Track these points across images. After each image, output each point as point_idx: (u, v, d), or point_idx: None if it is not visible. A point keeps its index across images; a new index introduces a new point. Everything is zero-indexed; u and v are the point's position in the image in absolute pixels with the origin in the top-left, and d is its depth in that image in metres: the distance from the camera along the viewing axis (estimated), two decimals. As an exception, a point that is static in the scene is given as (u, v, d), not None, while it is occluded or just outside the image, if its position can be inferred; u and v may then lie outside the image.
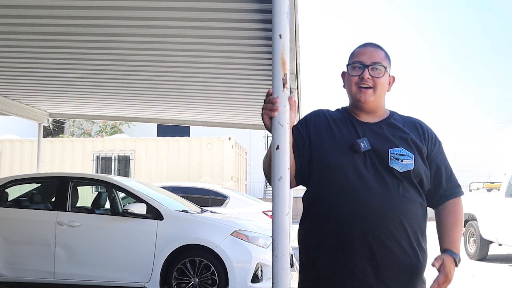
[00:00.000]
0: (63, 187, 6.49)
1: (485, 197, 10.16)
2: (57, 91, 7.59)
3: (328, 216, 1.97)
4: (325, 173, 2.00)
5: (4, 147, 16.02)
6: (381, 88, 2.05)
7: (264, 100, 1.84)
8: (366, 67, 2.03)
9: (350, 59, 2.10)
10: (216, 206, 9.20)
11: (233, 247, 5.80)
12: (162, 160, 15.41)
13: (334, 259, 1.95)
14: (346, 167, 1.96)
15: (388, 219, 1.91)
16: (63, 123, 24.55)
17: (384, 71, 2.06)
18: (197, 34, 4.79)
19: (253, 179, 22.45)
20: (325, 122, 2.10)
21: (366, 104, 2.05)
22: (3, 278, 6.22)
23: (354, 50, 2.11)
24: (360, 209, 1.92)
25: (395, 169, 1.96)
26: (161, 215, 6.01)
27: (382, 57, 2.07)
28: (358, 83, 2.04)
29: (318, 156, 2.03)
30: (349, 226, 1.92)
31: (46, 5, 4.24)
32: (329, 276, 1.96)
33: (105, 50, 5.44)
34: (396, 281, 1.93)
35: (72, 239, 6.13)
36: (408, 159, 1.98)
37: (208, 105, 8.33)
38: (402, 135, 2.04)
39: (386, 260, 1.91)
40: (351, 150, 1.98)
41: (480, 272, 8.42)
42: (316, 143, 2.05)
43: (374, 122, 2.08)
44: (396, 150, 1.99)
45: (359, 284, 1.92)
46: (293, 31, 4.32)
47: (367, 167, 1.97)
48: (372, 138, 2.01)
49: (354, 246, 1.91)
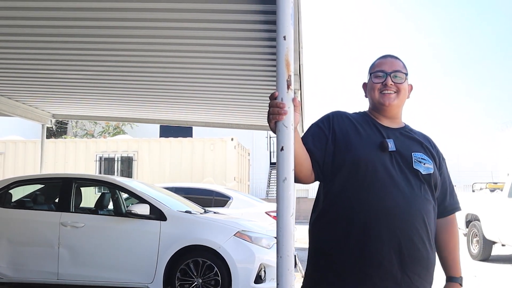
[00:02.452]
0: (66, 188, 6.51)
1: (488, 198, 10.15)
2: (60, 92, 7.61)
3: (356, 209, 2.04)
4: (353, 169, 2.07)
5: (8, 148, 16.06)
6: (403, 92, 2.20)
7: (270, 103, 1.86)
8: (388, 74, 2.18)
9: (371, 69, 2.25)
10: (219, 207, 9.20)
11: (236, 247, 5.80)
12: (165, 161, 15.43)
13: (361, 247, 2.01)
14: (376, 163, 2.07)
15: (413, 216, 2.02)
16: (66, 124, 24.60)
17: (405, 78, 2.21)
18: (201, 35, 4.80)
19: (255, 179, 22.47)
20: (350, 122, 2.20)
21: (390, 108, 2.18)
22: (7, 279, 6.24)
23: (375, 61, 2.27)
24: (388, 204, 2.01)
25: (419, 171, 2.09)
26: (164, 216, 6.02)
27: (402, 66, 2.22)
28: (381, 89, 2.18)
29: (346, 153, 2.10)
30: (377, 219, 2.01)
31: (48, 7, 4.25)
32: (356, 264, 2.02)
33: (107, 52, 5.45)
34: (417, 275, 2.04)
35: (75, 239, 6.15)
36: (429, 163, 2.13)
37: (211, 106, 8.34)
38: (420, 143, 2.20)
39: (411, 254, 2.01)
40: (380, 148, 2.10)
41: (483, 272, 8.41)
42: (342, 140, 2.14)
43: (395, 128, 2.21)
44: (419, 154, 2.14)
45: (385, 274, 2.00)
46: (296, 32, 4.32)
47: (394, 166, 2.08)
48: (396, 140, 2.14)
49: (383, 238, 2.00)
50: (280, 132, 1.81)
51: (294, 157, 1.83)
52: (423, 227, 2.04)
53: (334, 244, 2.08)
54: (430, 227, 2.08)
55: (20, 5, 4.25)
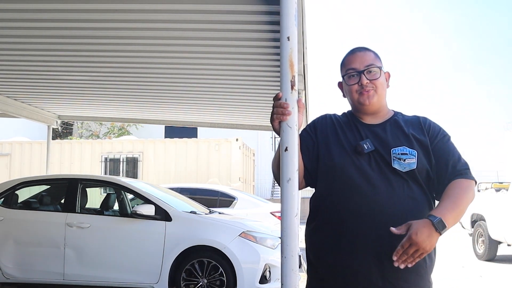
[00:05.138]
0: (72, 188, 6.54)
1: (494, 197, 10.11)
2: (66, 93, 7.64)
3: (333, 216, 2.01)
4: (331, 175, 2.05)
5: (14, 149, 16.14)
6: (381, 87, 2.09)
7: (274, 104, 1.86)
8: (361, 72, 2.06)
9: (342, 69, 2.14)
10: (224, 207, 9.22)
11: (241, 248, 5.81)
12: (170, 161, 15.46)
13: (338, 258, 1.97)
14: (351, 168, 2.01)
15: (393, 218, 1.90)
16: (72, 125, 24.67)
17: (380, 71, 2.09)
18: (205, 36, 4.81)
19: (260, 180, 22.46)
20: (331, 126, 2.15)
21: (371, 106, 2.09)
22: (14, 279, 6.27)
23: (343, 59, 2.15)
24: (365, 209, 1.95)
25: (397, 169, 1.99)
26: (169, 216, 6.04)
27: (373, 58, 2.10)
28: (358, 90, 2.08)
29: (324, 158, 2.08)
30: (353, 226, 1.95)
31: (54, 8, 4.27)
32: (334, 275, 1.99)
33: (113, 53, 5.47)
34: (403, 280, 1.93)
35: (81, 240, 6.17)
36: (411, 157, 1.99)
37: (216, 107, 8.35)
38: (405, 133, 2.07)
39: (391, 258, 1.89)
40: (355, 152, 2.03)
41: (489, 272, 8.38)
42: (322, 145, 2.11)
43: (378, 123, 2.11)
44: (399, 149, 2.01)
45: (364, 283, 1.94)
46: (300, 32, 4.32)
47: (372, 167, 2.00)
48: (374, 139, 2.05)
49: (359, 245, 1.94)
50: (284, 132, 1.82)
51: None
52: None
53: (315, 252, 2.08)
54: None
55: (25, 7, 4.27)
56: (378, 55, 2.14)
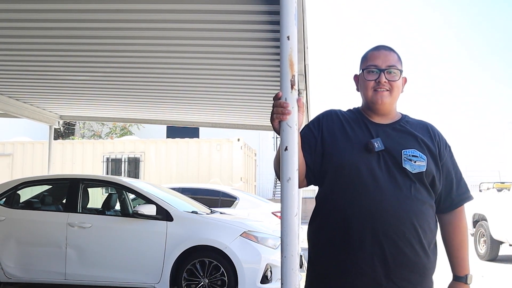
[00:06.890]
0: (74, 188, 6.55)
1: (495, 197, 10.10)
2: (67, 93, 7.65)
3: (339, 214, 1.99)
4: (339, 172, 2.02)
5: (16, 149, 16.16)
6: (396, 90, 2.08)
7: (274, 103, 1.84)
8: (382, 71, 2.05)
9: (363, 62, 2.11)
10: (226, 207, 9.22)
11: (243, 248, 5.81)
12: (172, 161, 15.47)
13: (343, 255, 1.96)
14: (360, 166, 1.98)
15: (399, 219, 1.92)
16: (74, 125, 24.71)
17: (400, 74, 2.08)
18: (205, 36, 4.81)
19: (262, 180, 22.47)
20: (338, 122, 2.12)
21: (383, 106, 2.07)
22: (15, 279, 6.28)
23: (367, 53, 2.12)
24: (371, 208, 1.94)
25: (407, 169, 1.98)
26: (170, 216, 6.04)
27: (396, 59, 2.09)
28: (374, 87, 2.06)
29: (332, 155, 2.05)
30: (359, 224, 1.94)
31: (55, 9, 4.28)
32: (338, 272, 1.98)
33: (114, 53, 5.48)
34: (406, 280, 1.94)
35: (83, 240, 6.18)
36: (421, 160, 2.00)
37: (217, 107, 8.36)
38: (415, 137, 2.07)
39: (396, 259, 1.92)
40: (365, 149, 2.01)
41: (490, 272, 8.37)
42: (329, 142, 2.07)
43: (387, 123, 2.10)
44: (409, 151, 2.01)
45: (368, 281, 1.94)
46: (301, 32, 4.32)
47: (380, 167, 1.99)
48: (385, 138, 2.03)
49: (364, 244, 1.93)
50: (284, 132, 1.82)
51: None
52: (412, 230, 1.94)
53: (319, 252, 2.06)
54: (423, 228, 1.96)
55: (26, 7, 4.27)
56: (401, 58, 2.13)
